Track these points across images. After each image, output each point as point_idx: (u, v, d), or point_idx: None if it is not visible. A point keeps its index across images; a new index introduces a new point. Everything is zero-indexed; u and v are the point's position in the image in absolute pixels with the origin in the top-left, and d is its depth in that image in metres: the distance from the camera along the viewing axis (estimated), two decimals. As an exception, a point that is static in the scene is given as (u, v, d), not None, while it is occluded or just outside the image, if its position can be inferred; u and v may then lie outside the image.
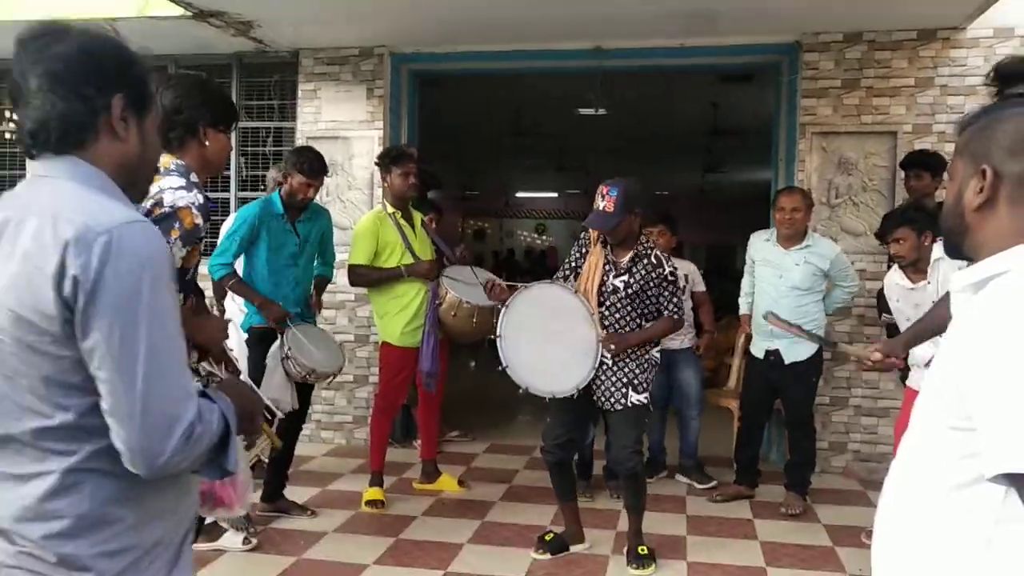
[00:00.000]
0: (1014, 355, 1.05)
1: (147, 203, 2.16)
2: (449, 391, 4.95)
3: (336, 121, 5.63)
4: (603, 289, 3.52)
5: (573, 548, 3.73)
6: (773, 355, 4.35)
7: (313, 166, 3.97)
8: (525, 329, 3.45)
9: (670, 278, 3.52)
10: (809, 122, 5.06)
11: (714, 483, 4.77)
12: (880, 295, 4.53)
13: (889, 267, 4.06)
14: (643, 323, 3.56)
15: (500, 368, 3.36)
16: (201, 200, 2.21)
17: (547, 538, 3.72)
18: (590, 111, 8.10)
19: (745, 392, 4.70)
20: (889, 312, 3.94)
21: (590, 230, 3.60)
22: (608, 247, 3.57)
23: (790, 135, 5.22)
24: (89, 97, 1.25)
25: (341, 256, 4.60)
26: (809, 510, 4.38)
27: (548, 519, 4.16)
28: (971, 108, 1.35)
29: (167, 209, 2.15)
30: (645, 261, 3.52)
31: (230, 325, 4.78)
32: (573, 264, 3.69)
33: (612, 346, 3.43)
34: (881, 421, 4.98)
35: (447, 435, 5.69)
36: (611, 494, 4.50)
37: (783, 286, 4.32)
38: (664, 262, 3.53)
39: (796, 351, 4.28)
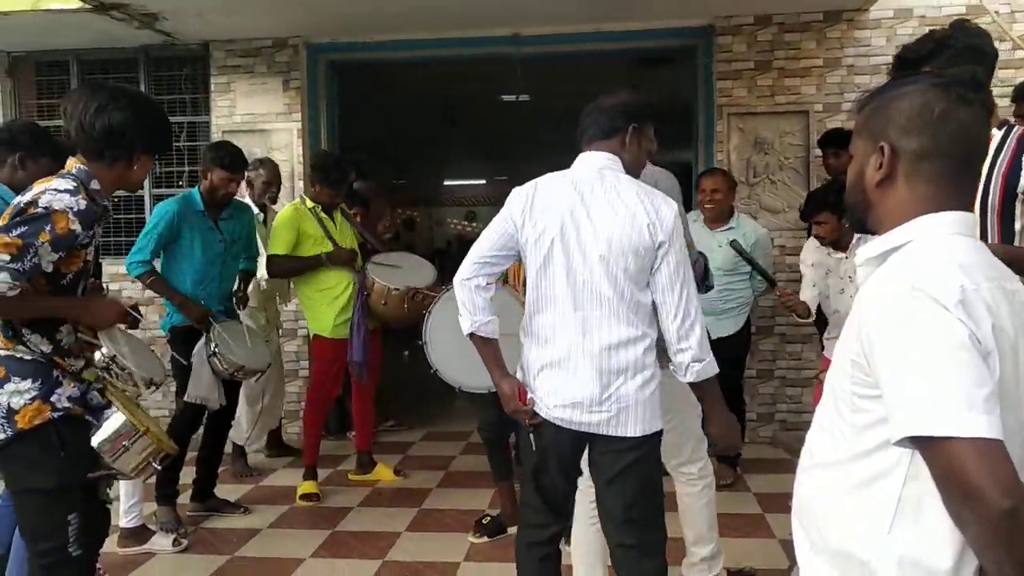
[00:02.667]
0: (914, 324, 1.10)
1: (25, 199, 2.09)
2: (383, 381, 4.92)
3: (253, 114, 5.51)
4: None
5: (511, 530, 3.71)
6: None
7: (234, 160, 3.89)
8: (450, 331, 3.20)
9: None
10: (726, 103, 5.18)
11: None
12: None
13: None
14: None
15: (432, 372, 3.35)
16: (83, 206, 2.12)
17: (484, 521, 3.74)
18: (513, 98, 8.13)
19: None
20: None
21: None
22: None
23: (708, 117, 5.33)
24: None
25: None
26: (739, 480, 4.51)
27: (486, 502, 4.19)
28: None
29: (40, 210, 2.06)
30: None
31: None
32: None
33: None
34: (805, 391, 5.16)
35: (382, 425, 5.67)
36: None
37: (710, 267, 4.38)
38: None
39: (723, 326, 4.38)
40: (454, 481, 4.63)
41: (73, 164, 2.23)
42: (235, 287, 4.16)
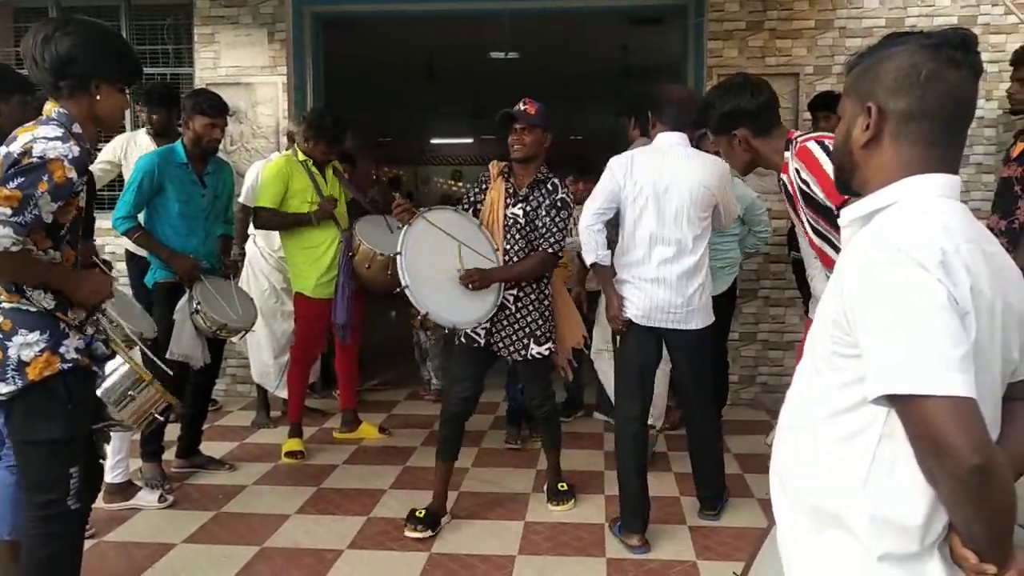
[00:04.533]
0: (895, 284, 1.11)
1: (15, 150, 2.05)
2: (367, 341, 4.92)
3: (237, 67, 5.41)
4: (506, 222, 3.41)
5: (442, 521, 3.45)
6: None
7: (214, 104, 3.83)
8: (427, 253, 3.29)
9: (559, 204, 3.37)
10: (716, 64, 5.14)
11: None
12: (791, 233, 4.70)
13: None
14: None
15: (402, 288, 3.18)
16: (77, 152, 2.09)
17: (419, 515, 3.37)
18: (501, 55, 8.02)
19: None
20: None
21: (492, 167, 3.52)
22: (509, 179, 3.45)
23: (698, 77, 5.28)
24: None
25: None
26: (721, 440, 4.56)
27: (469, 461, 4.23)
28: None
29: (35, 159, 2.02)
30: (543, 187, 3.41)
31: (248, 267, 4.72)
32: (472, 199, 3.54)
33: (472, 283, 3.27)
34: (787, 354, 5.21)
35: (367, 384, 5.68)
36: (530, 434, 4.57)
37: None
38: (559, 188, 3.40)
39: (714, 286, 4.41)
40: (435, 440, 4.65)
41: (52, 108, 2.18)
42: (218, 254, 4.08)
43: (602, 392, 5.02)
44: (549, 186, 3.40)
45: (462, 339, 3.43)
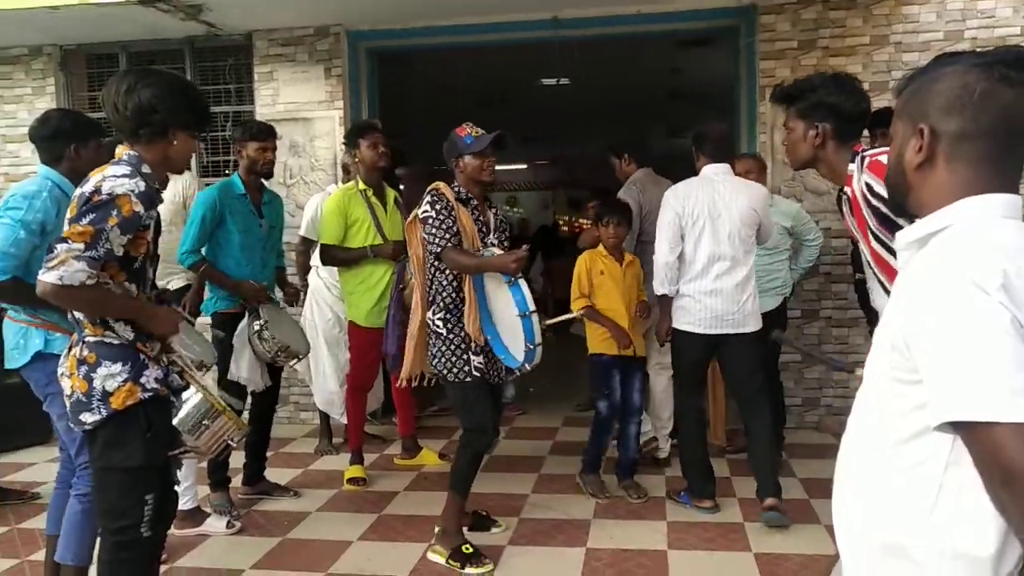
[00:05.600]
0: (955, 308, 1.08)
1: (87, 189, 2.16)
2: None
3: (295, 103, 5.57)
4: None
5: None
6: None
7: (263, 128, 3.98)
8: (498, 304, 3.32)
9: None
10: (768, 84, 5.08)
11: None
12: (854, 253, 4.62)
13: None
14: None
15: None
16: (143, 187, 2.20)
17: (468, 551, 3.31)
18: (552, 81, 8.09)
19: None
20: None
21: (444, 190, 3.30)
22: (471, 207, 3.33)
23: (751, 98, 5.26)
24: None
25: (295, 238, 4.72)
26: (784, 465, 4.48)
27: (529, 486, 4.24)
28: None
29: (104, 196, 2.14)
30: (495, 209, 3.49)
31: (312, 297, 4.90)
32: (453, 230, 3.24)
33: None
34: (851, 376, 5.08)
35: (426, 410, 5.73)
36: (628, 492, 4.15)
37: None
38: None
39: (761, 303, 4.37)
40: (498, 466, 4.66)
41: (123, 151, 2.30)
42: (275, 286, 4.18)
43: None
44: (503, 216, 3.58)
45: (476, 373, 3.31)
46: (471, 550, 3.29)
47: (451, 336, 3.31)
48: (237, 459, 4.08)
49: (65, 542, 2.77)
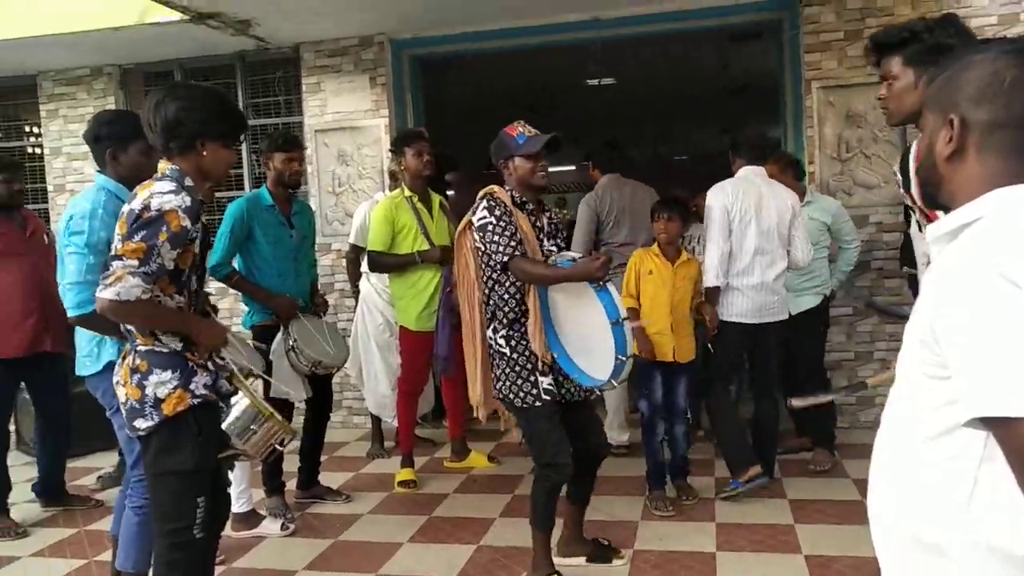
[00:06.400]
0: (986, 302, 1.07)
1: (136, 207, 2.24)
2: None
3: (342, 112, 5.68)
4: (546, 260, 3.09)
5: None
6: None
7: (287, 138, 4.03)
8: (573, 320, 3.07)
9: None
10: (814, 76, 5.02)
11: None
12: (903, 247, 4.53)
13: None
14: None
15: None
16: (189, 203, 2.26)
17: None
18: (596, 82, 8.07)
19: None
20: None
21: (501, 195, 3.08)
22: (527, 212, 3.12)
23: (796, 91, 5.18)
24: None
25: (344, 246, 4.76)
26: (838, 465, 4.41)
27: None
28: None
29: (154, 213, 2.21)
30: (548, 212, 3.27)
31: (363, 303, 4.99)
32: (516, 237, 3.02)
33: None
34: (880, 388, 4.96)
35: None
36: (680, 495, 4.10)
37: None
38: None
39: (801, 302, 4.41)
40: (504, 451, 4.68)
41: (165, 165, 2.36)
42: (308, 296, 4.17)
43: None
44: (554, 217, 3.35)
45: (546, 396, 3.05)
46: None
47: (515, 356, 3.05)
48: (291, 463, 4.19)
49: (124, 551, 2.89)
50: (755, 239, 3.92)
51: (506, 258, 2.97)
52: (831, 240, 4.49)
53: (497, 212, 3.01)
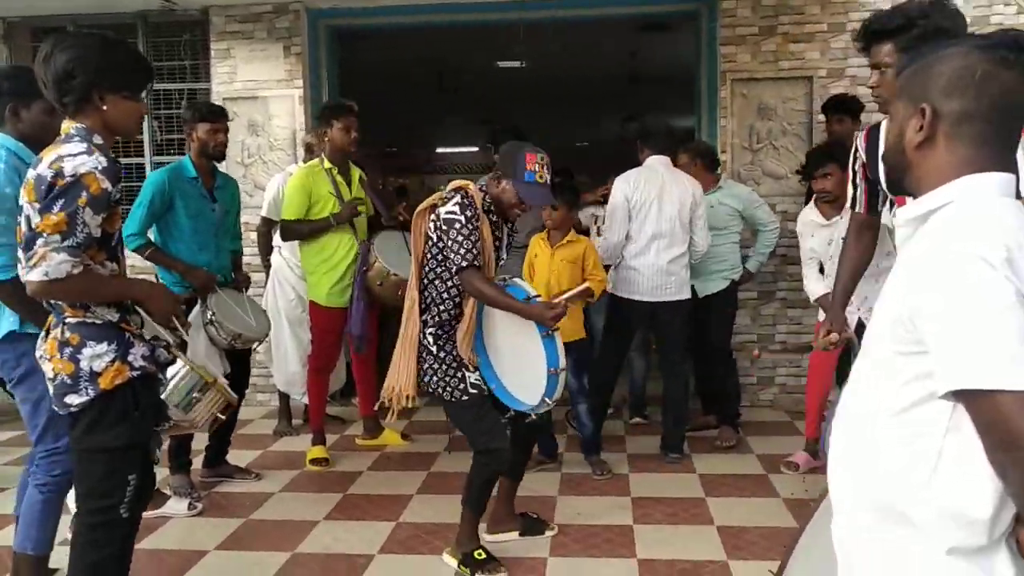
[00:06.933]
0: (962, 282, 1.12)
1: (46, 174, 2.07)
2: (383, 347, 4.93)
3: (253, 81, 5.47)
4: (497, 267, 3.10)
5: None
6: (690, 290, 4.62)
7: (211, 108, 3.90)
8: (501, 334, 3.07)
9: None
10: (729, 69, 5.18)
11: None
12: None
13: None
14: None
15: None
16: (105, 163, 2.09)
17: (480, 556, 3.09)
18: (510, 64, 8.07)
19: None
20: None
21: (476, 197, 3.00)
22: (492, 219, 3.06)
23: (711, 83, 5.33)
24: None
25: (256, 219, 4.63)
26: (742, 441, 4.59)
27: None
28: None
29: (68, 179, 2.05)
30: (510, 226, 3.18)
31: (274, 276, 4.82)
32: (478, 246, 2.95)
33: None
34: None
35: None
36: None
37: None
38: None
39: (708, 286, 4.61)
40: (462, 445, 4.63)
41: (69, 125, 2.18)
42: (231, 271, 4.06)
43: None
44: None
45: (472, 391, 3.04)
46: (484, 556, 3.07)
47: (442, 355, 3.03)
48: (198, 441, 4.03)
49: (24, 531, 2.68)
50: (654, 225, 4.14)
51: (464, 263, 2.90)
52: (743, 226, 4.65)
53: (468, 213, 2.93)
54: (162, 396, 2.27)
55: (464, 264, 2.90)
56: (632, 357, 4.91)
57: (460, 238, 2.90)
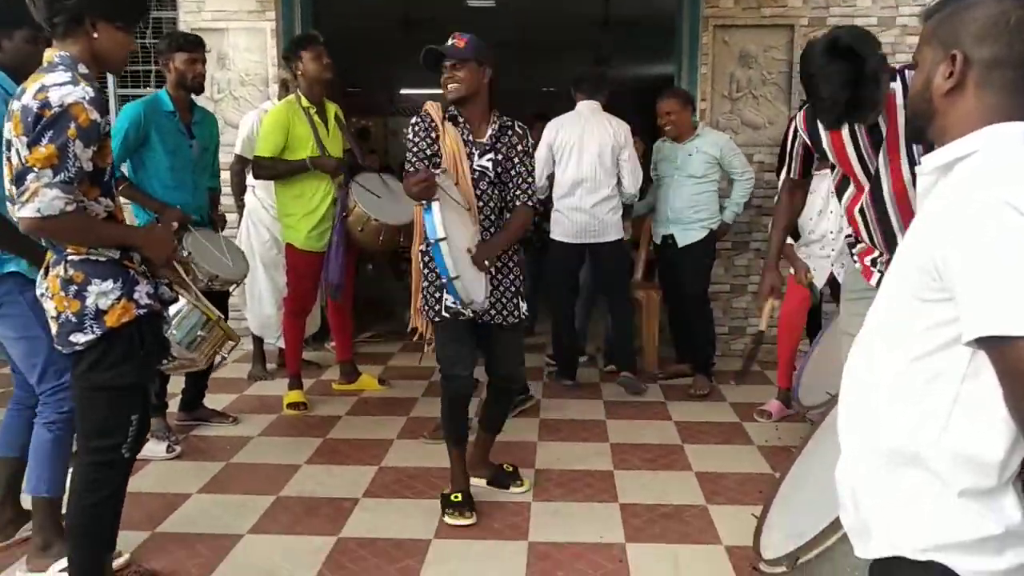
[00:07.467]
0: (990, 229, 1.13)
1: (32, 104, 1.98)
2: (357, 292, 4.89)
3: (223, 11, 5.25)
4: (473, 175, 3.02)
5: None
6: (669, 239, 4.68)
7: (188, 38, 3.78)
8: (451, 228, 2.84)
9: (530, 152, 3.12)
10: (712, 15, 5.12)
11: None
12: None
13: None
14: (505, 214, 3.12)
15: (444, 280, 2.72)
16: (92, 93, 2.02)
17: (456, 499, 3.11)
18: (481, 3, 7.88)
19: (662, 279, 4.96)
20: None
21: (429, 109, 3.04)
22: (461, 125, 3.03)
23: (693, 28, 5.26)
24: None
25: (226, 158, 4.45)
26: (715, 390, 4.68)
27: (473, 410, 4.26)
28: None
29: (56, 109, 1.97)
30: (510, 133, 3.07)
31: (248, 217, 4.70)
32: (427, 152, 2.98)
33: (486, 262, 2.94)
34: (777, 305, 5.29)
35: (360, 337, 5.67)
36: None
37: (680, 176, 4.62)
38: (527, 134, 3.10)
39: (688, 235, 4.63)
40: (438, 391, 4.65)
41: (53, 52, 2.10)
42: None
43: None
44: (518, 129, 3.09)
45: (445, 314, 3.02)
46: (459, 499, 3.09)
47: (425, 271, 3.07)
48: (174, 385, 3.97)
49: (37, 473, 2.60)
50: (575, 169, 4.39)
51: (406, 168, 3.01)
52: (720, 174, 4.65)
53: (414, 127, 3.03)
54: (166, 334, 2.23)
55: (407, 168, 3.00)
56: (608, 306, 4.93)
57: (407, 152, 3.02)
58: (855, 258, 2.83)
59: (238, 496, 3.29)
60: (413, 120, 3.06)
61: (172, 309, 2.27)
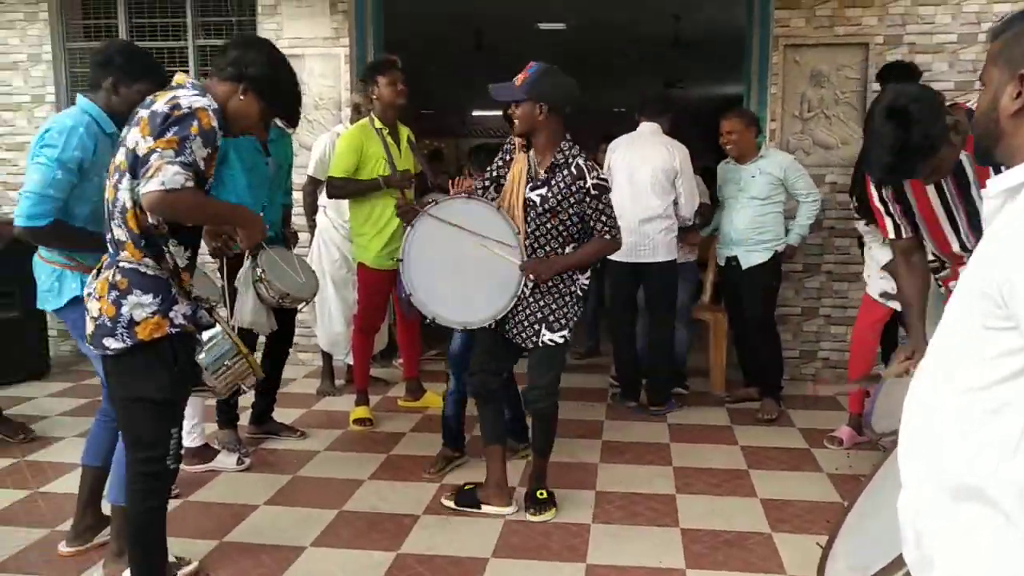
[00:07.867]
0: None
1: (162, 109, 2.17)
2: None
3: (299, 38, 5.43)
4: (526, 204, 3.13)
5: (487, 508, 3.34)
6: (733, 261, 4.60)
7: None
8: (437, 250, 3.17)
9: (594, 192, 3.08)
10: (782, 34, 5.05)
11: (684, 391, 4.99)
12: (858, 209, 4.65)
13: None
14: (573, 245, 3.20)
15: (405, 295, 3.16)
16: (215, 106, 2.23)
17: (466, 487, 3.42)
18: (550, 26, 7.95)
19: (727, 301, 4.90)
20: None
21: (516, 138, 3.23)
22: (528, 156, 3.18)
23: (763, 48, 5.20)
24: None
25: (299, 179, 4.61)
26: (783, 415, 4.57)
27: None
28: (1008, 14, 1.37)
29: (185, 110, 2.16)
30: (565, 172, 3.09)
31: (319, 237, 4.85)
32: (494, 174, 3.30)
33: (531, 276, 3.08)
34: (849, 329, 5.14)
35: (426, 354, 5.74)
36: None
37: (743, 198, 4.55)
38: (587, 173, 3.08)
39: (751, 257, 4.55)
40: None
41: (184, 79, 2.31)
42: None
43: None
44: (574, 169, 3.09)
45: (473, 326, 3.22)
46: (471, 486, 3.42)
47: None
48: (245, 398, 4.08)
49: (117, 483, 2.69)
50: (627, 187, 4.40)
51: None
52: (786, 195, 4.56)
53: (500, 149, 3.36)
54: (195, 357, 2.31)
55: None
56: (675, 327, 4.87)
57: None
58: (939, 283, 2.74)
59: (303, 509, 3.36)
60: (505, 144, 3.37)
61: (206, 335, 2.35)
